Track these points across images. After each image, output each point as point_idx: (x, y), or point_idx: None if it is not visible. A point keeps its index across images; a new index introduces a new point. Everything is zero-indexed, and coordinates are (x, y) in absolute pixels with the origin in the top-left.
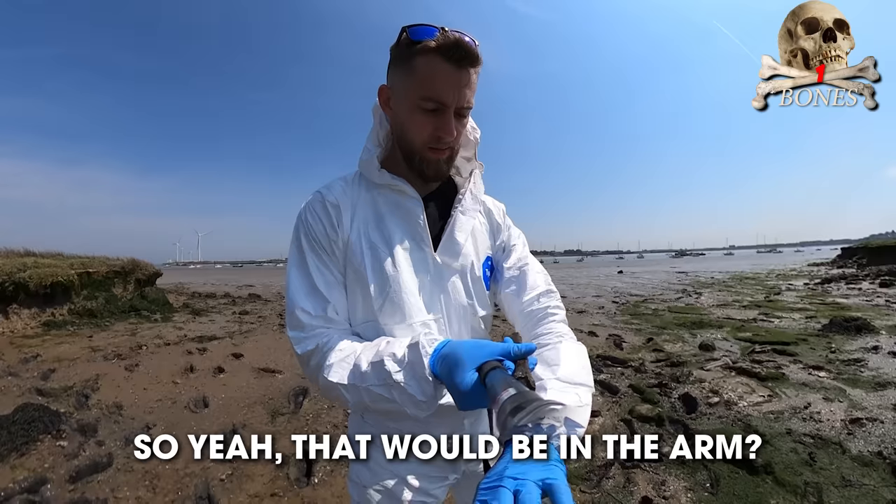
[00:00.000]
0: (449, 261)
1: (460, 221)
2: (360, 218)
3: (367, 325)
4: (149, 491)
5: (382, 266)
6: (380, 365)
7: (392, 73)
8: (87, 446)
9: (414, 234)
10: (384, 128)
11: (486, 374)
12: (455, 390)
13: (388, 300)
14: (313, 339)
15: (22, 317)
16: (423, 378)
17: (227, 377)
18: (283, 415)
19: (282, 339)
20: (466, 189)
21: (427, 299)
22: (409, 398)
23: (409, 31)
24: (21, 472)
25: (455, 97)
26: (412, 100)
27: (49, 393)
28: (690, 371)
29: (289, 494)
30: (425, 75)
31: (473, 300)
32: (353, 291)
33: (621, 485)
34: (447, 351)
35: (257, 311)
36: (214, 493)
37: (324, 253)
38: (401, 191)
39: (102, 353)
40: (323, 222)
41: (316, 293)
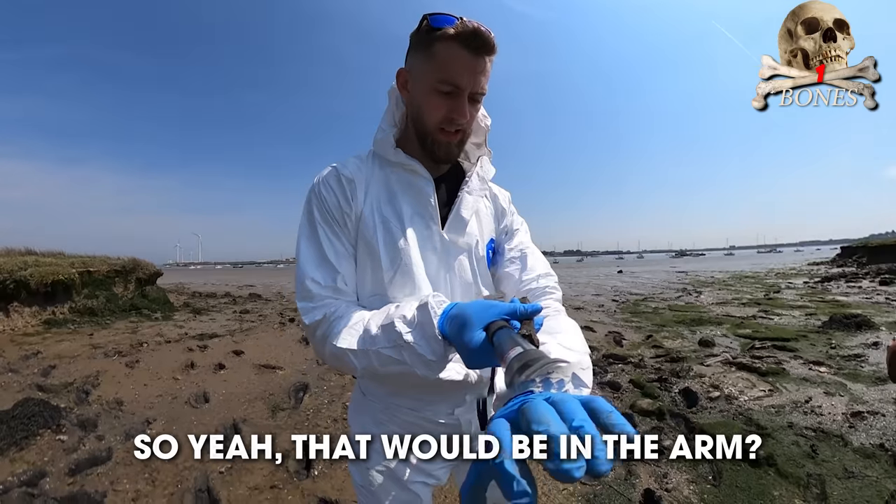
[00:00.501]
0: (455, 238)
1: (466, 201)
2: (373, 193)
3: (374, 298)
4: (148, 484)
5: (395, 240)
6: (390, 327)
7: (411, 57)
8: (86, 440)
9: (424, 212)
10: (399, 109)
11: (494, 333)
12: (464, 349)
13: (398, 272)
14: (321, 310)
15: (23, 315)
16: (433, 337)
17: (227, 373)
18: (283, 410)
19: (283, 337)
20: (473, 172)
21: (433, 276)
22: (418, 358)
23: (430, 19)
24: (20, 465)
25: (470, 82)
26: (429, 82)
27: (49, 389)
28: (690, 366)
29: (288, 487)
30: (444, 60)
31: (478, 279)
32: (363, 264)
33: (623, 477)
34: (456, 311)
35: (258, 309)
36: (214, 485)
37: (335, 224)
38: (413, 170)
39: (103, 350)
40: (336, 195)
41: (326, 264)
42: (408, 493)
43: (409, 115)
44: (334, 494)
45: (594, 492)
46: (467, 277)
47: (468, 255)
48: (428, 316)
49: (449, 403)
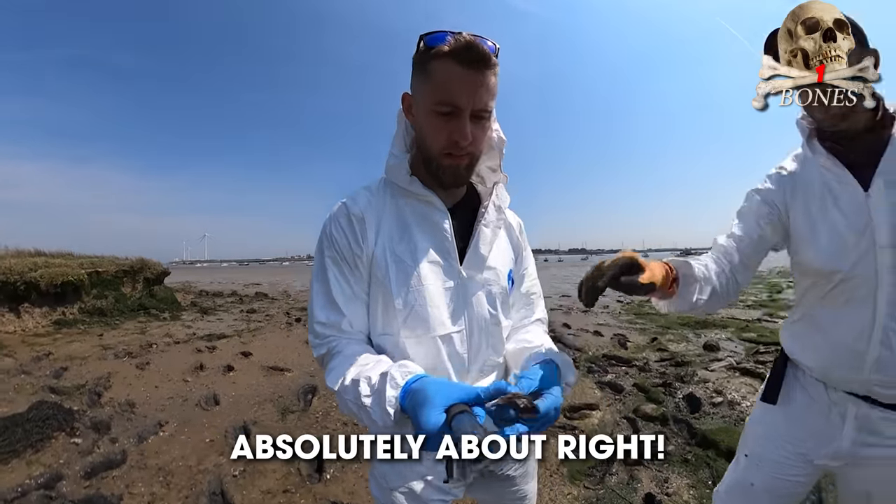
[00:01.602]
0: (474, 273)
1: (484, 234)
2: (385, 231)
3: (385, 338)
4: (163, 487)
5: (408, 279)
6: (355, 384)
7: (413, 80)
8: (100, 443)
9: (440, 247)
10: (410, 134)
11: (454, 416)
12: (418, 428)
13: (412, 313)
14: (325, 346)
15: (33, 316)
16: (384, 409)
17: (236, 375)
18: (293, 412)
19: (289, 338)
20: (489, 202)
21: (451, 312)
22: (372, 423)
23: (426, 39)
24: (37, 467)
25: (469, 100)
26: (428, 105)
27: (62, 391)
28: (695, 371)
29: (301, 490)
30: (440, 79)
31: (497, 312)
32: (374, 302)
33: (625, 481)
34: (417, 386)
35: (264, 309)
36: (227, 489)
37: (345, 266)
38: (428, 202)
39: (113, 350)
40: (347, 236)
41: (332, 306)
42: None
43: (417, 140)
44: (346, 498)
45: (597, 496)
46: (485, 313)
47: (486, 288)
48: (384, 385)
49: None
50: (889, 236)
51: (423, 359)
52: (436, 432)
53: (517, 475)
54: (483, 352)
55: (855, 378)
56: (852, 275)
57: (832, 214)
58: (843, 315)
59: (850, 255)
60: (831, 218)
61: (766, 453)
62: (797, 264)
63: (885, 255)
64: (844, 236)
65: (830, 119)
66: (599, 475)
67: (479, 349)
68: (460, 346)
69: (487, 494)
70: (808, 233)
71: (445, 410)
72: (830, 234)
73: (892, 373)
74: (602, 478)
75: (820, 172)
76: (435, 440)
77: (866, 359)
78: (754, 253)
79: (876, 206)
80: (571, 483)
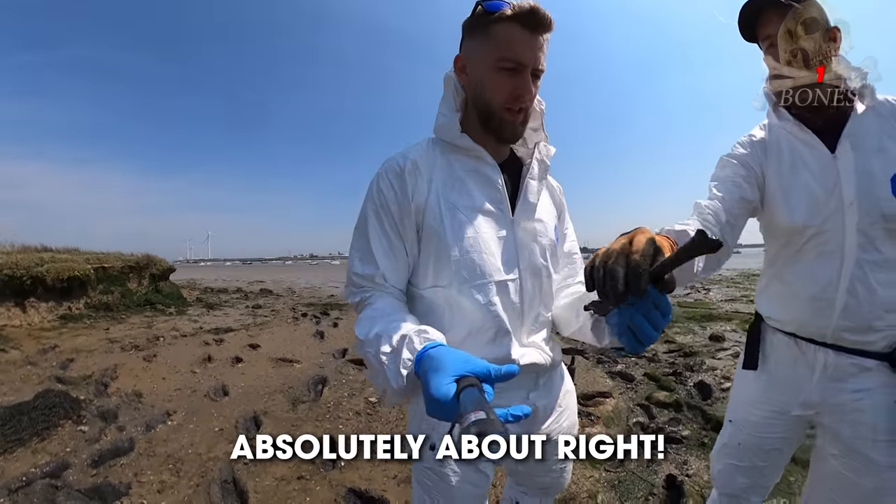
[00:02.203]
0: (526, 223)
1: (532, 187)
2: (438, 180)
3: (436, 290)
4: (173, 475)
5: (463, 227)
6: (378, 339)
7: (468, 42)
8: (108, 431)
9: (492, 197)
10: (460, 94)
11: (463, 388)
12: (427, 393)
13: (468, 260)
14: (359, 295)
15: (39, 310)
16: (398, 370)
17: (245, 366)
18: (303, 403)
19: (297, 332)
20: (533, 158)
21: (505, 260)
22: (385, 380)
23: (485, 5)
24: (43, 456)
25: (531, 58)
26: (491, 61)
27: (68, 381)
28: (703, 360)
29: (315, 477)
30: (504, 39)
31: (548, 262)
32: (426, 253)
33: (645, 464)
34: (434, 353)
35: (270, 304)
36: (240, 477)
37: (387, 219)
38: (478, 156)
39: (120, 344)
40: (395, 188)
41: (369, 258)
42: (478, 474)
43: (471, 98)
44: (363, 484)
45: (619, 478)
46: (538, 262)
47: (538, 238)
48: (402, 346)
49: (523, 388)
50: (855, 194)
51: (476, 310)
52: (444, 401)
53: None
54: (536, 303)
55: (826, 325)
56: (823, 229)
57: (803, 175)
58: (814, 269)
59: (822, 211)
60: (802, 178)
61: (747, 416)
62: (770, 226)
63: (851, 212)
64: (816, 194)
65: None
66: (619, 459)
67: (532, 299)
68: (515, 295)
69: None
70: (782, 193)
71: (456, 381)
72: (802, 192)
73: (858, 319)
74: (622, 462)
75: (788, 138)
76: (442, 408)
77: (835, 306)
78: (740, 213)
79: (843, 167)
80: (592, 466)
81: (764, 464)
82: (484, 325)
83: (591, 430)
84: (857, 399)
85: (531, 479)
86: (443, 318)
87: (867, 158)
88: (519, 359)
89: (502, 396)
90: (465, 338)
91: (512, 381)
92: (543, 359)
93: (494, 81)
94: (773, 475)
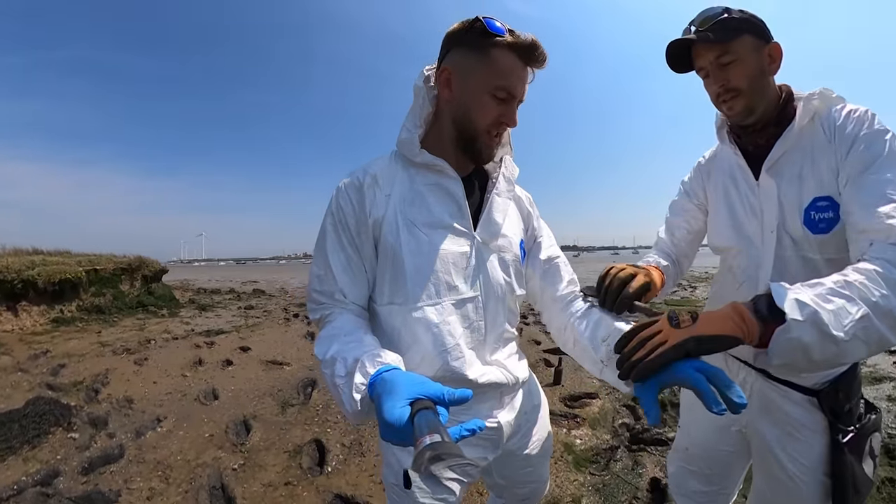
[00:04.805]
0: (489, 239)
1: (497, 202)
2: (397, 194)
3: (392, 308)
4: (162, 482)
5: (420, 243)
6: (333, 361)
7: (459, 56)
8: (98, 438)
9: (453, 212)
10: (426, 109)
11: (417, 411)
12: (381, 417)
13: (424, 277)
14: (318, 312)
15: (31, 314)
16: (352, 393)
17: (235, 370)
18: (293, 406)
19: (288, 333)
20: (499, 173)
21: (466, 277)
22: (341, 403)
23: (486, 23)
24: (34, 464)
25: (522, 91)
26: (484, 86)
27: (59, 387)
28: None
29: (303, 483)
30: (502, 67)
31: (511, 279)
32: (382, 270)
33: (629, 467)
34: (387, 376)
35: (262, 305)
36: (228, 482)
37: (346, 235)
38: (440, 170)
39: (111, 347)
40: (354, 203)
41: (328, 275)
42: (442, 489)
43: (451, 114)
44: (349, 490)
45: (603, 482)
46: (500, 279)
47: (500, 255)
48: (355, 369)
49: (489, 406)
50: (774, 221)
51: (431, 330)
52: (397, 425)
53: (535, 454)
54: (500, 320)
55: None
56: (744, 253)
57: (732, 197)
58: (734, 290)
59: (743, 235)
60: (731, 200)
61: (693, 424)
62: (709, 243)
63: (771, 238)
64: (740, 218)
65: (735, 116)
66: (604, 461)
67: (495, 317)
68: (474, 313)
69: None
70: (714, 213)
71: (410, 404)
72: (729, 213)
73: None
74: (607, 464)
75: (729, 160)
76: (396, 432)
77: None
78: (688, 245)
79: (764, 194)
80: (577, 470)
81: (711, 472)
82: (440, 345)
83: (578, 432)
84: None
85: (510, 492)
86: (399, 337)
87: (787, 186)
88: (478, 378)
89: (467, 413)
90: (422, 358)
91: (477, 398)
92: (506, 377)
93: (483, 105)
94: (728, 483)
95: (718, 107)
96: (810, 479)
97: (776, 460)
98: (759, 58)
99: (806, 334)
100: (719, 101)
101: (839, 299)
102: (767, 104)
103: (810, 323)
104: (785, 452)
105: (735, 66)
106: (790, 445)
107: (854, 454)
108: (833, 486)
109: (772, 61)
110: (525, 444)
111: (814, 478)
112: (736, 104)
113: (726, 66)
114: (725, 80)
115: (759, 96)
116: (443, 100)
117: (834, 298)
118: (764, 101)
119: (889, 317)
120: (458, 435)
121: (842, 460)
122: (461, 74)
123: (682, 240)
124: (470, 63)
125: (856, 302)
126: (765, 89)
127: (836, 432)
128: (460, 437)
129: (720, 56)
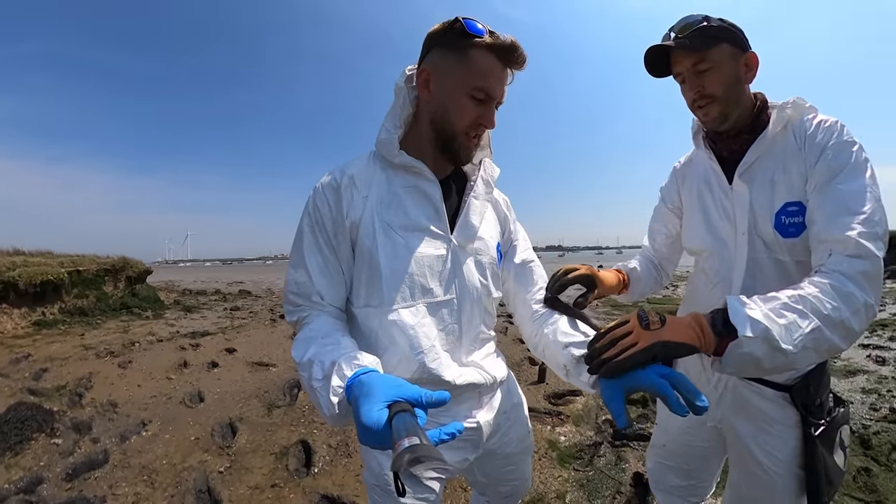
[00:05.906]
0: (465, 242)
1: (474, 205)
2: (374, 196)
3: (368, 310)
4: (147, 486)
5: (396, 246)
6: (310, 364)
7: (436, 58)
8: (82, 443)
9: (430, 215)
10: (406, 110)
11: (395, 414)
12: (358, 420)
13: (400, 280)
14: (295, 314)
15: (12, 317)
16: (329, 396)
17: (221, 372)
18: (279, 407)
19: (273, 334)
20: (477, 175)
21: (441, 280)
22: (319, 406)
23: (466, 23)
24: (16, 471)
25: (500, 92)
26: (463, 87)
27: (41, 392)
28: None
29: (289, 485)
30: (481, 68)
31: (488, 281)
32: (358, 271)
33: (613, 462)
34: (364, 379)
35: (248, 306)
36: (214, 486)
37: (323, 236)
38: (418, 172)
39: (95, 350)
40: (330, 204)
41: (304, 275)
42: (423, 489)
43: (429, 115)
44: (336, 490)
45: (587, 477)
46: (476, 282)
47: (477, 258)
48: (332, 371)
49: (468, 406)
50: (746, 225)
51: (406, 332)
52: (375, 428)
53: (516, 453)
54: (476, 322)
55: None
56: (716, 255)
57: (706, 201)
58: (706, 292)
59: (716, 238)
60: (705, 204)
61: (670, 420)
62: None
63: (743, 241)
64: (713, 222)
65: (710, 122)
66: (588, 457)
67: (470, 319)
68: (450, 316)
69: (487, 469)
70: (689, 216)
71: (388, 407)
72: (703, 217)
73: None
74: (591, 460)
75: (704, 164)
76: (373, 435)
77: None
78: (668, 249)
79: (737, 198)
80: (561, 466)
81: (689, 467)
82: (416, 347)
83: (562, 429)
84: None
85: (493, 490)
86: (377, 339)
87: (759, 190)
88: (455, 380)
89: (446, 415)
90: (399, 360)
91: (456, 399)
92: (484, 378)
93: (462, 106)
94: (706, 477)
95: (694, 112)
96: (784, 472)
97: (751, 455)
98: (735, 66)
99: (757, 349)
100: (695, 106)
101: (791, 314)
102: (742, 111)
103: (762, 339)
104: (759, 447)
105: (711, 74)
106: (764, 440)
107: (825, 446)
108: (807, 478)
109: (748, 70)
110: (505, 442)
111: (788, 471)
112: (711, 110)
113: (703, 73)
114: (701, 87)
115: (733, 104)
116: (422, 100)
117: (786, 313)
118: (738, 109)
119: (840, 327)
120: (438, 439)
121: (814, 453)
122: (440, 75)
123: (663, 244)
124: (449, 63)
125: (807, 315)
126: (740, 97)
127: (808, 426)
128: (440, 441)
129: (697, 63)
